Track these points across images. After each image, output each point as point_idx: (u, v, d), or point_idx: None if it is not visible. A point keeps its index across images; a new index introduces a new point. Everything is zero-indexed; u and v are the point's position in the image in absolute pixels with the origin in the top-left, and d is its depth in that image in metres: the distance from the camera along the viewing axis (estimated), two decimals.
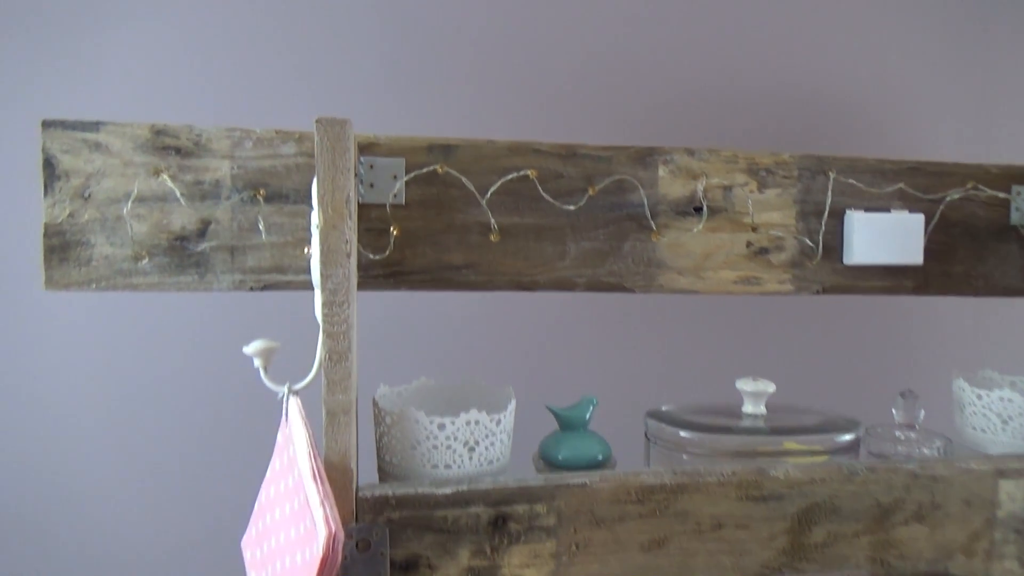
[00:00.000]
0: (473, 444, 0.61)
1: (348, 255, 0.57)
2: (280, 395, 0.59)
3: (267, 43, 1.00)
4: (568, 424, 0.70)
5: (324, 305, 0.56)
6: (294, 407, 0.58)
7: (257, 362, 0.59)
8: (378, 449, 0.64)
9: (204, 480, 1.01)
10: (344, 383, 0.57)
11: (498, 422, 0.62)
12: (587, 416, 0.70)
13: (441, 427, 0.61)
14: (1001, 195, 0.84)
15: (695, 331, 1.12)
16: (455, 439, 0.61)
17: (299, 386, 0.59)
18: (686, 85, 1.12)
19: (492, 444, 0.62)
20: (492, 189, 0.72)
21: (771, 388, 0.75)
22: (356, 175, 0.64)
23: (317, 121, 0.56)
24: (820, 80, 1.15)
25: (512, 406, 0.64)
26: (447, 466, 0.61)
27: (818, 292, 0.82)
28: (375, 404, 0.65)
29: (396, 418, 0.62)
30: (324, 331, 0.56)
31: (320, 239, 0.56)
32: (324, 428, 0.57)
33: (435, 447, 0.61)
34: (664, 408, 0.77)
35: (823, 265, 0.81)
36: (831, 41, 1.15)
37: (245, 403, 0.99)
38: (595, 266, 0.76)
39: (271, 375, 0.58)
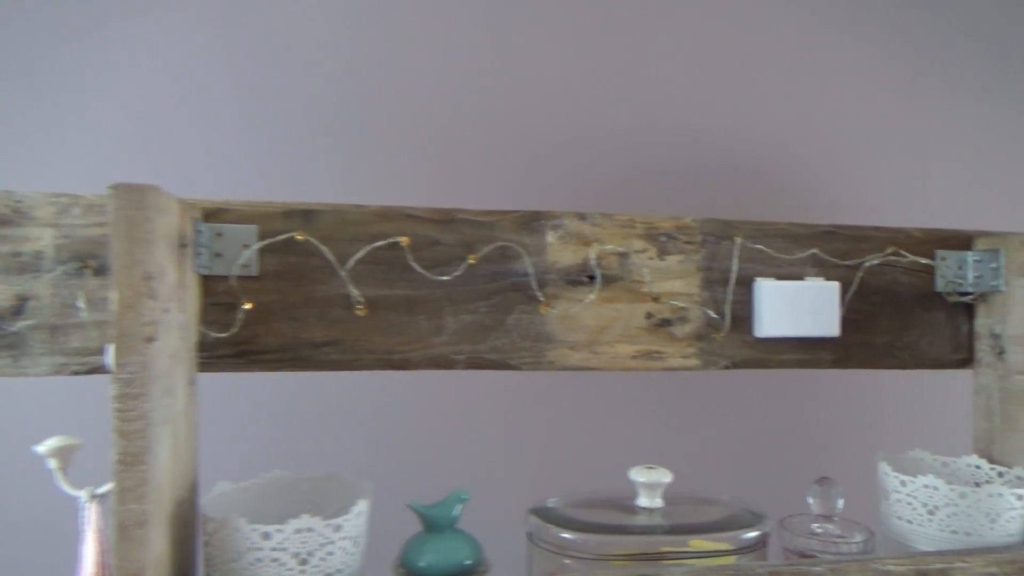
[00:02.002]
0: (305, 556, 0.53)
1: (149, 340, 0.49)
2: (80, 501, 0.51)
3: (112, 104, 0.94)
4: (433, 524, 0.61)
5: (116, 399, 0.48)
6: (94, 516, 0.50)
7: (52, 463, 0.51)
8: (204, 562, 0.56)
9: None
10: (139, 490, 0.49)
11: (336, 528, 0.54)
12: (454, 514, 0.62)
13: (266, 536, 0.52)
14: (924, 261, 0.78)
15: (590, 412, 1.04)
16: (283, 550, 0.53)
17: (102, 490, 0.51)
18: (581, 145, 1.05)
19: (330, 554, 0.54)
20: (355, 258, 0.65)
21: (667, 478, 0.67)
22: (185, 245, 0.57)
23: (111, 188, 0.49)
24: (735, 140, 1.10)
25: (360, 508, 0.56)
26: None
27: (727, 367, 0.75)
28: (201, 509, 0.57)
29: (217, 526, 0.53)
30: (115, 429, 0.48)
31: (115, 322, 0.48)
32: (113, 544, 0.48)
33: (259, 560, 0.52)
34: (550, 503, 0.69)
35: (732, 338, 0.75)
36: (746, 97, 1.10)
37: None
38: (476, 342, 0.69)
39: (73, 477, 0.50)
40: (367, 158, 0.99)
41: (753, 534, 0.64)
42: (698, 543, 0.67)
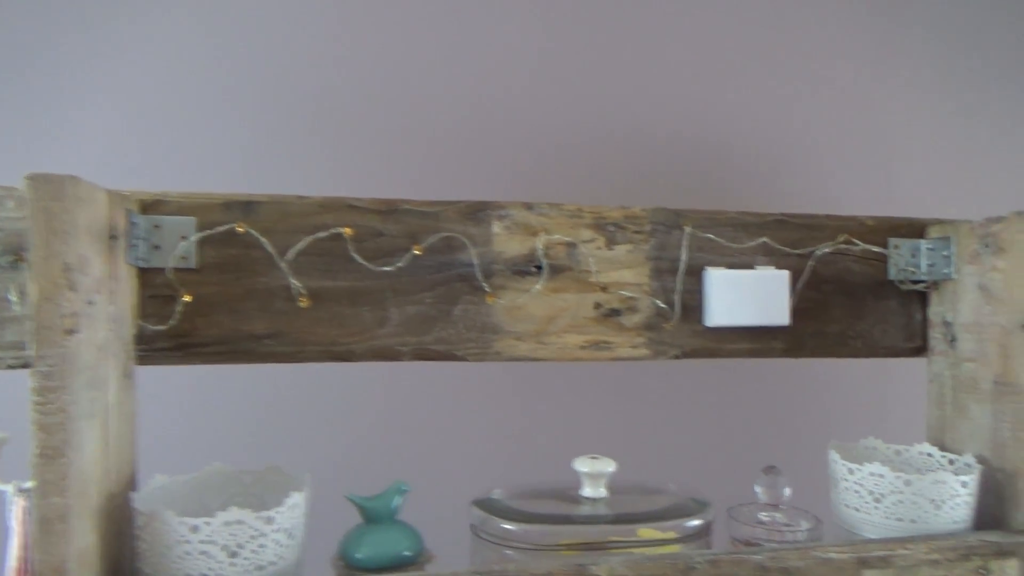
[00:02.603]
0: (235, 548, 0.53)
1: (69, 332, 0.49)
2: (7, 495, 0.50)
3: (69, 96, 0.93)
4: (372, 516, 0.61)
5: (34, 392, 0.48)
6: (20, 510, 0.49)
7: None
8: (138, 556, 0.56)
9: None
10: (60, 484, 0.48)
11: (268, 521, 0.54)
12: (394, 505, 0.61)
13: (194, 529, 0.52)
14: (876, 249, 0.77)
15: (539, 403, 1.03)
16: (212, 543, 0.52)
17: (27, 485, 0.51)
18: (529, 135, 1.04)
19: (262, 547, 0.54)
20: (295, 249, 0.65)
21: (611, 468, 0.67)
22: (115, 237, 0.56)
23: (28, 178, 0.49)
24: (686, 130, 1.09)
25: (293, 500, 0.56)
26: (203, 575, 0.52)
27: (677, 357, 0.75)
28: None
29: (147, 519, 0.53)
30: (34, 423, 0.48)
31: (33, 314, 0.48)
32: (35, 538, 0.48)
33: (188, 553, 0.52)
34: (494, 494, 0.69)
35: (682, 327, 0.74)
36: (697, 87, 1.10)
37: None
38: (421, 333, 0.69)
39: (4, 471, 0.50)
40: (311, 150, 0.98)
41: (696, 522, 0.64)
42: (646, 532, 0.67)
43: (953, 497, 0.66)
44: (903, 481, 0.66)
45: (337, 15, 0.99)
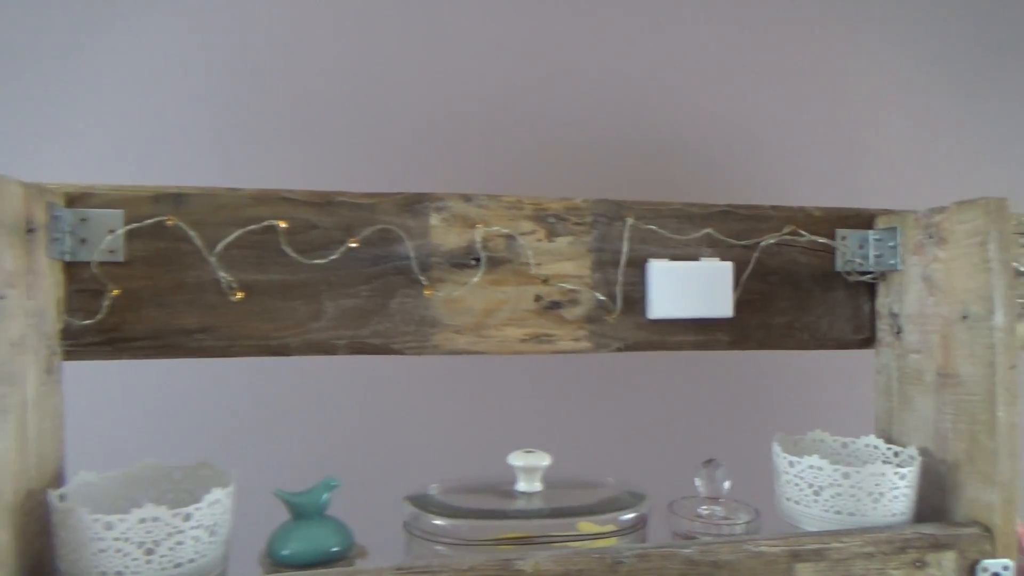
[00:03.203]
0: (151, 546, 0.52)
1: None
2: None
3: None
4: (300, 512, 0.61)
5: None
6: None
7: None
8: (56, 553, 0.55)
9: None
10: None
11: (186, 518, 0.53)
12: (322, 501, 0.61)
13: (108, 527, 0.51)
14: (821, 240, 0.77)
15: (479, 397, 1.03)
16: (127, 540, 0.52)
17: None
18: (467, 125, 1.03)
19: (180, 544, 0.53)
20: (224, 243, 0.64)
21: (545, 462, 0.67)
22: (33, 230, 0.56)
23: None
24: (631, 119, 1.08)
25: (214, 496, 0.55)
26: (119, 573, 0.52)
27: (620, 349, 0.74)
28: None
29: (63, 516, 0.52)
30: None
31: None
32: None
33: (103, 550, 0.52)
34: (430, 489, 0.68)
35: (624, 320, 0.74)
36: (643, 75, 1.09)
37: None
38: (357, 326, 0.68)
39: None
40: (244, 142, 0.97)
41: (630, 516, 0.63)
42: (586, 526, 0.66)
43: (892, 490, 0.66)
44: (841, 474, 0.66)
45: (269, 5, 0.98)
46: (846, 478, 0.66)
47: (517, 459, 0.66)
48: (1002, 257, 0.65)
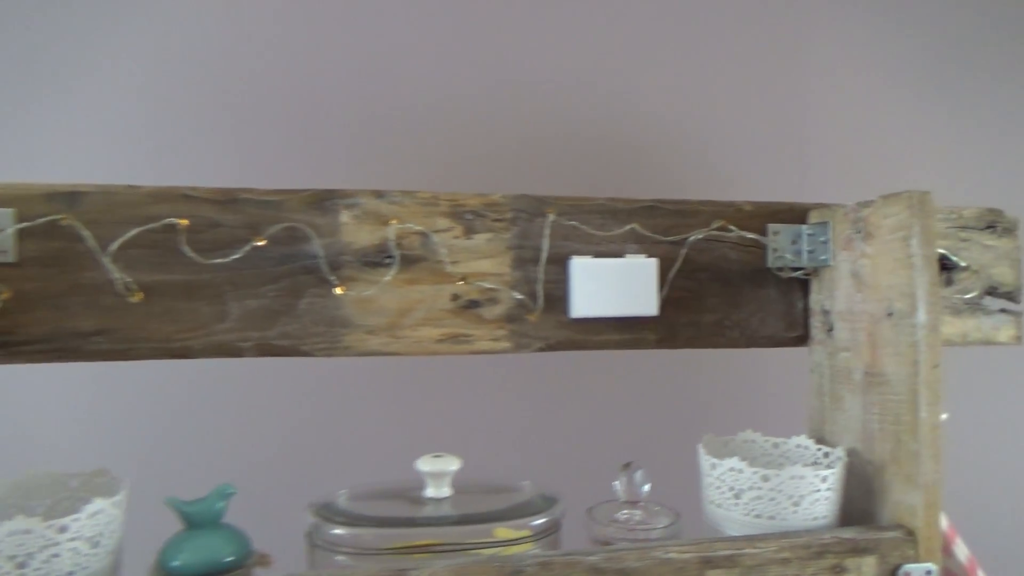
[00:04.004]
0: (24, 559, 0.50)
1: None
2: None
3: None
4: (194, 521, 0.59)
5: None
6: None
7: None
8: None
9: None
10: None
11: (61, 530, 0.51)
12: (217, 509, 0.59)
13: None
14: (750, 235, 0.75)
15: (395, 399, 1.00)
16: None
17: None
18: (382, 118, 0.99)
19: (55, 556, 0.51)
20: (118, 242, 0.62)
21: (454, 466, 0.65)
22: None
23: None
24: (554, 112, 1.04)
25: (94, 507, 0.53)
26: None
27: (542, 349, 0.72)
28: None
29: None
30: None
31: None
32: None
33: None
34: (338, 495, 0.66)
35: (546, 319, 0.72)
36: (566, 66, 1.05)
37: None
38: (264, 328, 0.66)
39: None
40: (146, 138, 0.95)
41: (540, 521, 0.61)
42: (503, 532, 0.64)
43: (813, 493, 0.64)
44: (760, 476, 0.64)
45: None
46: (765, 481, 0.64)
47: (424, 464, 0.64)
48: (925, 252, 0.63)
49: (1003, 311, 0.82)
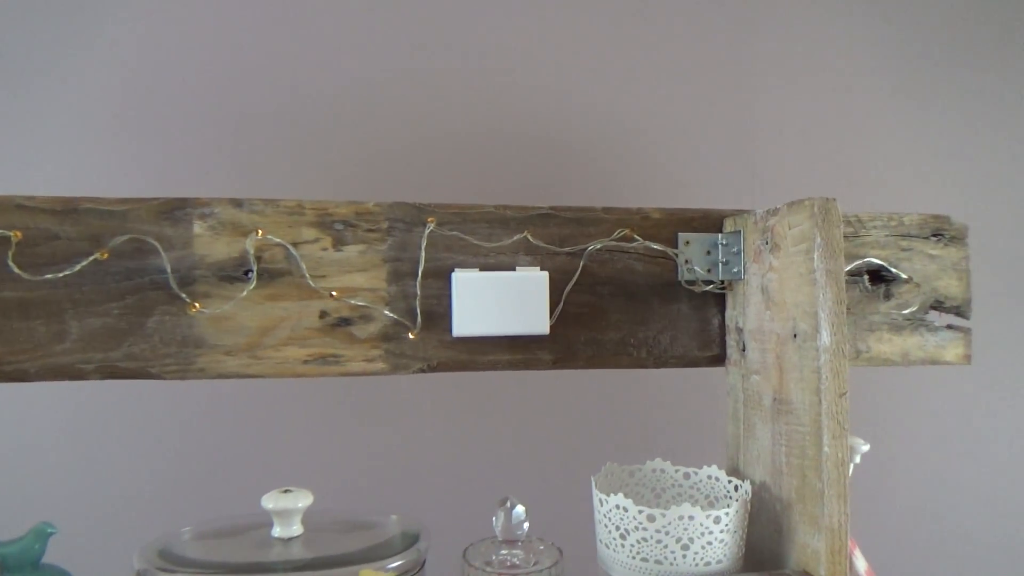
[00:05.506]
0: None
1: None
2: None
3: None
4: (11, 564, 0.53)
5: None
6: None
7: None
8: None
9: None
10: None
11: None
12: (37, 549, 0.54)
13: None
14: (657, 246, 0.68)
15: (254, 426, 0.92)
16: None
17: None
18: (243, 121, 0.90)
19: None
20: None
21: (303, 502, 0.59)
22: None
23: None
24: (441, 115, 0.95)
25: None
26: None
27: (422, 371, 0.66)
28: None
29: None
30: None
31: None
32: None
33: None
34: (181, 534, 0.60)
35: (428, 338, 0.66)
36: (457, 65, 0.97)
37: None
38: (108, 348, 0.61)
39: None
40: None
41: (397, 563, 0.55)
42: (368, 573, 0.58)
43: (704, 535, 0.57)
44: (646, 516, 0.57)
45: None
46: (651, 521, 0.57)
47: (269, 501, 0.58)
48: (829, 267, 0.56)
49: (950, 327, 0.75)
